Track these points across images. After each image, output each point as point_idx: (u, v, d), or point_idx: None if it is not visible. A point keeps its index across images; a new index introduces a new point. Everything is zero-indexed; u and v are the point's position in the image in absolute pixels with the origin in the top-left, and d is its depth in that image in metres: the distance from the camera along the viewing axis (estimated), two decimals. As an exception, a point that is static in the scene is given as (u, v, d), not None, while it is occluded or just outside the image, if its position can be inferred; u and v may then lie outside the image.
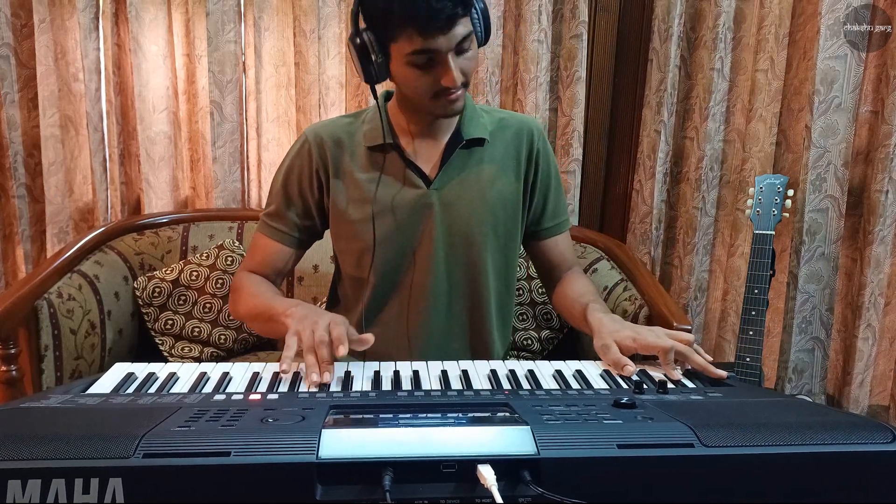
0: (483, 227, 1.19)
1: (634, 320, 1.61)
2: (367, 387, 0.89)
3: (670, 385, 0.88)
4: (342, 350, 0.92)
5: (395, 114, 1.20)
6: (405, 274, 1.20)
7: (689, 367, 0.98)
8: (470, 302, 1.22)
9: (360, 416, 0.70)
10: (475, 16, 1.06)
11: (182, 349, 1.83)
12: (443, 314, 1.21)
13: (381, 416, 0.69)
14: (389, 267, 1.19)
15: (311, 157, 1.20)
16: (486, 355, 1.24)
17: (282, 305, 1.08)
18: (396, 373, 0.94)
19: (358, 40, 1.05)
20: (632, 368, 0.96)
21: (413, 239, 1.18)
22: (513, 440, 0.63)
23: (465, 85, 1.09)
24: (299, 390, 0.87)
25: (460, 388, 0.89)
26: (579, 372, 0.97)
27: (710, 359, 0.97)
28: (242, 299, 1.18)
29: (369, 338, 0.97)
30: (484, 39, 1.10)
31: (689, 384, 0.93)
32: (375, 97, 1.16)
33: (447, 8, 0.98)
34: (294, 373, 0.92)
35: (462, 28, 1.02)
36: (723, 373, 0.94)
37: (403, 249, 1.19)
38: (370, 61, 1.06)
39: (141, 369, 0.94)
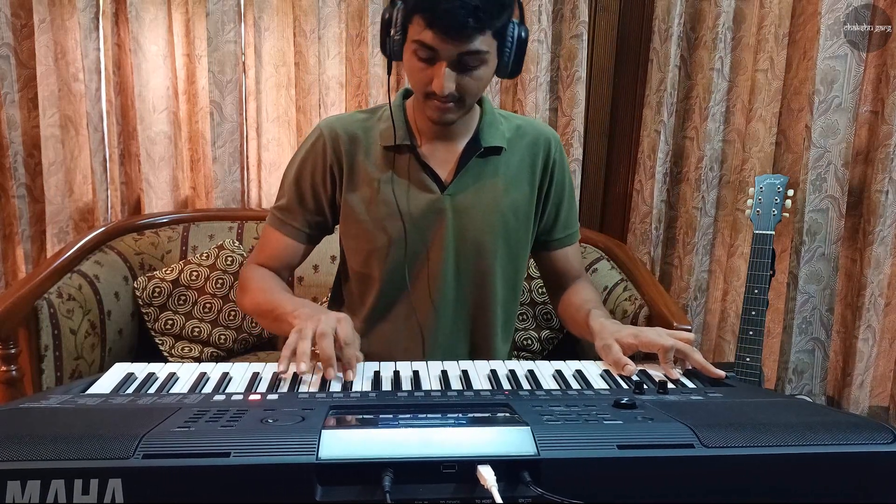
0: (494, 236, 1.18)
1: (634, 320, 1.61)
2: (367, 387, 0.89)
3: (670, 385, 0.88)
4: (350, 375, 0.91)
5: (413, 114, 1.18)
6: (413, 277, 1.19)
7: (689, 367, 0.98)
8: (476, 308, 1.22)
9: (360, 416, 0.70)
10: (508, 43, 1.02)
11: (182, 349, 1.83)
12: (448, 318, 1.20)
13: (381, 416, 0.69)
14: (398, 269, 1.18)
15: (326, 152, 1.17)
16: (488, 359, 1.23)
17: (290, 305, 1.07)
18: (396, 373, 0.94)
19: (387, 15, 1.05)
20: (632, 368, 0.96)
21: (423, 243, 1.17)
22: (513, 441, 0.63)
23: (459, 101, 1.05)
24: (299, 391, 0.87)
25: (460, 388, 0.89)
26: (579, 372, 0.97)
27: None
28: (250, 294, 1.17)
29: (350, 376, 0.94)
30: (511, 71, 1.06)
31: (689, 384, 0.93)
32: (389, 71, 1.13)
33: (459, 15, 0.94)
34: (294, 373, 0.92)
35: (478, 44, 0.99)
36: (722, 373, 0.94)
37: (413, 252, 1.17)
38: (388, 35, 1.05)
39: (141, 369, 0.94)
